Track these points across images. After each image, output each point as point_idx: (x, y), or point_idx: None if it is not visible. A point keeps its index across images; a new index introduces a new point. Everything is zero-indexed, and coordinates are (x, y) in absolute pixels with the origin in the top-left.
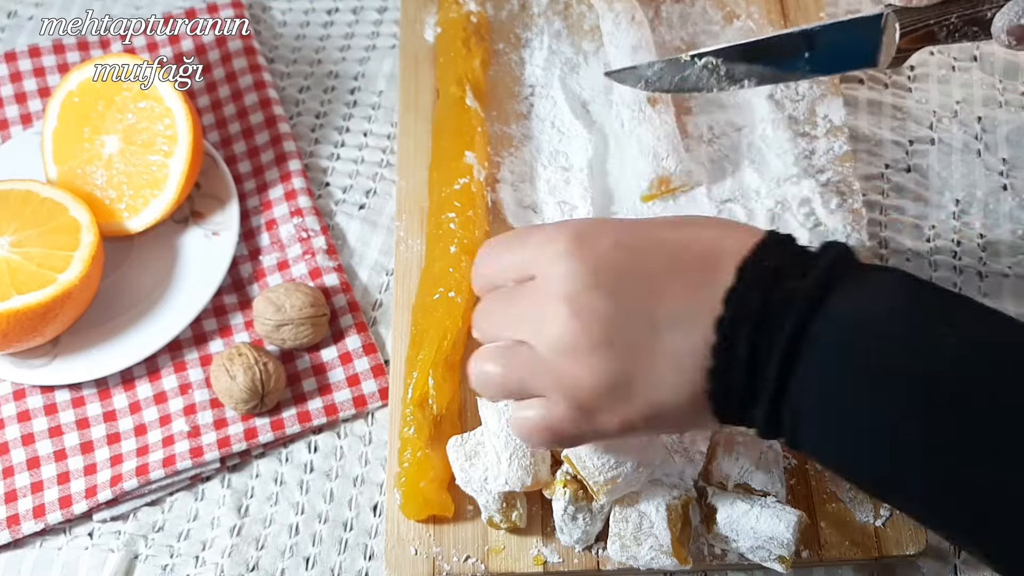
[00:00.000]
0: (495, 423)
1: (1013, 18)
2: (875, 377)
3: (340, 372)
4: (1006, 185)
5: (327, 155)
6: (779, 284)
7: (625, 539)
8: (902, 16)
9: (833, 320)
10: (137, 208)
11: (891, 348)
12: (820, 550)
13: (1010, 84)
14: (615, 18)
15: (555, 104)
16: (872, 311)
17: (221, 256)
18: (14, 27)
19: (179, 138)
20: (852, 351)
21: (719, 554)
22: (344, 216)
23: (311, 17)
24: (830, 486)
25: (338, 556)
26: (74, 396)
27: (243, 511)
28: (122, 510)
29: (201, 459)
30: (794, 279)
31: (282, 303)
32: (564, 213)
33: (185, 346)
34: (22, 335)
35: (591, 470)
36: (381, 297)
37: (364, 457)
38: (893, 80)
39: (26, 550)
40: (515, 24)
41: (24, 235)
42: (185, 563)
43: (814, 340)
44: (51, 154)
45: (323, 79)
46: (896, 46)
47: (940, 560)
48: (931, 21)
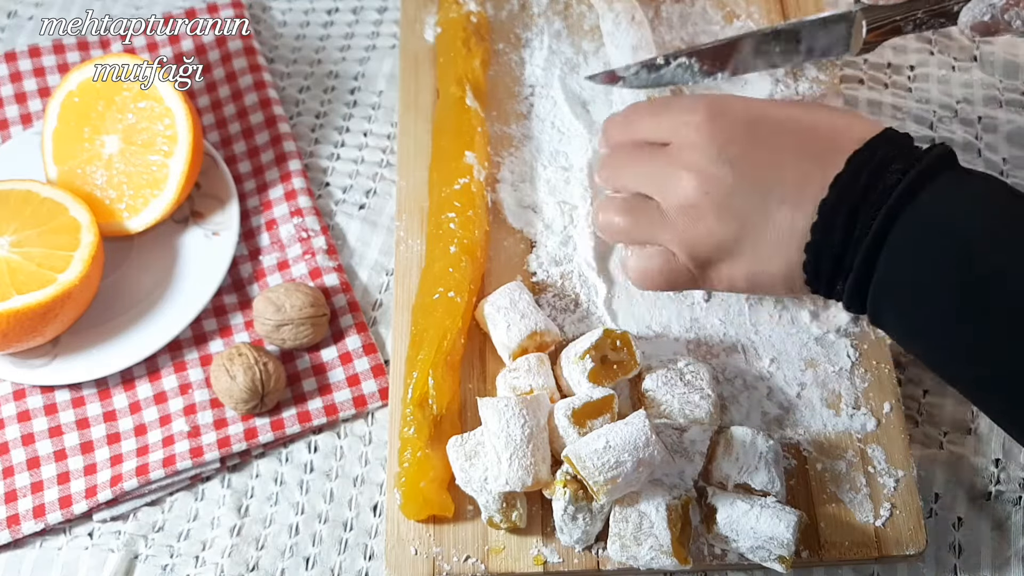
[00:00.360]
0: (495, 423)
1: (977, 15)
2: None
3: (340, 372)
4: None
5: (327, 155)
6: (881, 177)
7: (625, 539)
8: (869, 13)
9: (921, 214)
10: (137, 208)
11: (966, 245)
12: (820, 550)
13: (1010, 84)
14: (615, 18)
15: (555, 104)
16: (957, 208)
17: (221, 256)
18: (14, 27)
19: (179, 138)
20: (932, 243)
21: (719, 554)
22: (344, 216)
23: (311, 17)
24: (830, 486)
25: (338, 556)
26: (74, 396)
27: (243, 511)
28: (122, 510)
29: (201, 459)
30: (894, 174)
31: (282, 303)
32: (564, 213)
33: (185, 346)
34: (22, 335)
35: (591, 470)
36: (381, 297)
37: (364, 457)
38: (893, 80)
39: (26, 550)
40: (515, 24)
41: (24, 235)
42: (185, 563)
43: (900, 231)
44: (51, 154)
45: (323, 79)
46: (863, 39)
47: (940, 560)
48: (897, 17)
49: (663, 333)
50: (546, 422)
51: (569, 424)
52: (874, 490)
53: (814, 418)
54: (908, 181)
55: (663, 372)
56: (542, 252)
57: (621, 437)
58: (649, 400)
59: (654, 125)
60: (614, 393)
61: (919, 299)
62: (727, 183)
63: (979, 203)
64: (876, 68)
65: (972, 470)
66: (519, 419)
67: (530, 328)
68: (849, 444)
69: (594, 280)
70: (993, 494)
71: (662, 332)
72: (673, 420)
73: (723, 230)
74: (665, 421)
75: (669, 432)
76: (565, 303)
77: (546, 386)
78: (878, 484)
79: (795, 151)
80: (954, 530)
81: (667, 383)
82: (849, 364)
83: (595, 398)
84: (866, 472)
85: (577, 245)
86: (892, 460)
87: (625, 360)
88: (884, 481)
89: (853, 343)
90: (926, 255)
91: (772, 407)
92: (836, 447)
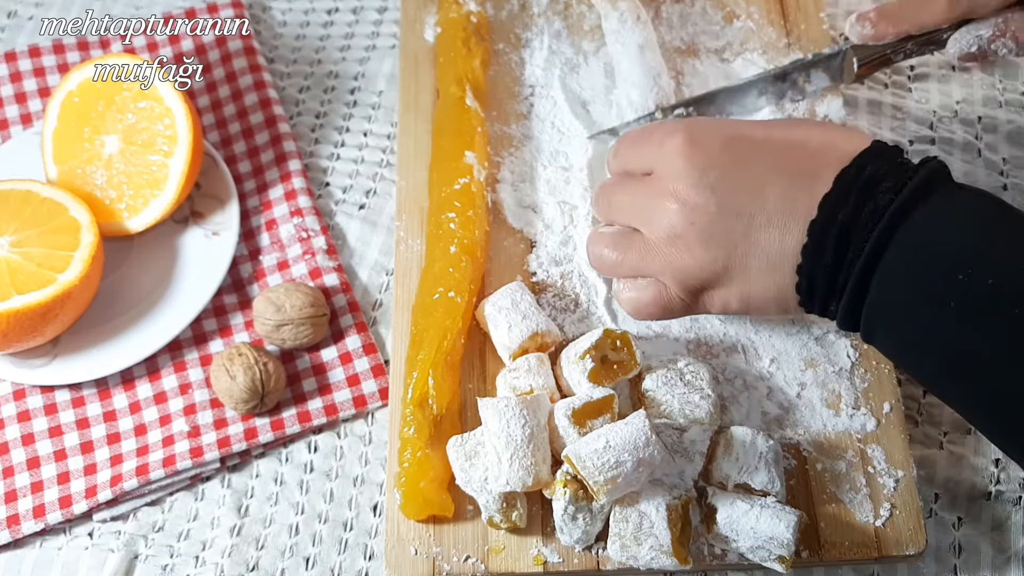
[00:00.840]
0: (495, 423)
1: (964, 47)
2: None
3: (340, 372)
4: (1006, 185)
5: (327, 155)
6: (872, 196)
7: (625, 539)
8: (859, 51)
9: (914, 234)
10: (137, 208)
11: (960, 264)
12: (820, 550)
13: (1010, 84)
14: (620, 16)
15: (555, 104)
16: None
17: (221, 256)
18: (14, 27)
19: (179, 138)
20: (926, 264)
21: (719, 554)
22: (344, 216)
23: (311, 17)
24: (830, 486)
25: (338, 556)
26: (74, 396)
27: (243, 511)
28: (122, 510)
29: (201, 459)
30: (886, 192)
31: (282, 303)
32: (564, 213)
33: (185, 346)
34: (22, 335)
35: (591, 470)
36: (381, 297)
37: (364, 457)
38: (893, 80)
39: (26, 550)
40: (515, 24)
41: (24, 235)
42: (185, 563)
43: (894, 252)
44: (51, 154)
45: (323, 79)
46: (855, 74)
47: (940, 560)
48: (887, 52)
49: (663, 333)
50: (546, 422)
51: (569, 424)
52: (874, 490)
53: (814, 418)
54: (900, 201)
55: (663, 372)
56: (542, 252)
57: (621, 437)
58: (649, 400)
59: (637, 154)
60: (614, 393)
61: (913, 318)
62: (710, 210)
63: (972, 221)
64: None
65: (972, 470)
66: (519, 419)
67: (531, 329)
68: (849, 444)
69: (594, 280)
70: (993, 494)
71: (662, 332)
72: (673, 420)
73: (711, 258)
74: (665, 421)
75: (669, 432)
76: (565, 303)
77: (546, 386)
78: (878, 484)
79: (778, 170)
80: (954, 530)
81: (667, 383)
82: (849, 364)
83: (595, 398)
84: (866, 472)
85: (577, 245)
86: (892, 460)
87: (625, 360)
88: (884, 481)
89: (853, 343)
90: (920, 275)
91: (772, 407)
92: (836, 447)
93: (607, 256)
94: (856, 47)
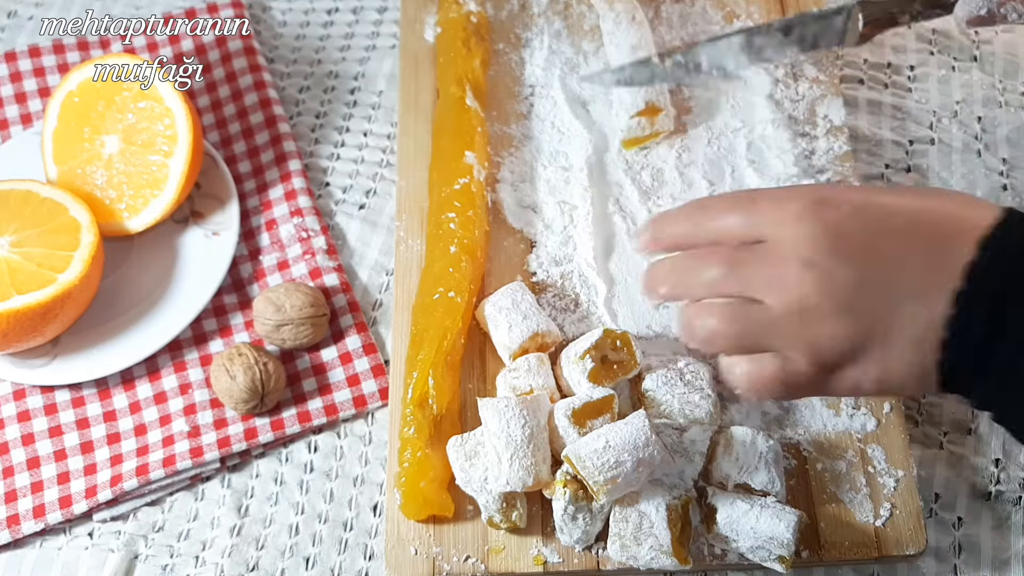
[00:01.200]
0: (495, 423)
1: (973, 9)
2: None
3: (340, 372)
4: (1006, 185)
5: (327, 155)
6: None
7: (625, 539)
8: (866, 7)
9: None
10: (137, 208)
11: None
12: (820, 550)
13: (1010, 84)
14: (616, 17)
15: (555, 104)
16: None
17: (221, 256)
18: (14, 27)
19: (179, 138)
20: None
21: (719, 554)
22: (344, 216)
23: (311, 17)
24: (830, 486)
25: (338, 556)
26: (74, 396)
27: (243, 511)
28: (122, 510)
29: (201, 459)
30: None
31: (282, 303)
32: (564, 213)
33: (185, 346)
34: (22, 335)
35: (591, 470)
36: (381, 297)
37: (364, 457)
38: (893, 80)
39: (26, 550)
40: (515, 24)
41: (24, 235)
42: (185, 563)
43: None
44: (51, 154)
45: (323, 79)
46: (859, 32)
47: (940, 560)
48: (894, 11)
49: (663, 333)
50: (546, 422)
51: (569, 424)
52: (874, 490)
53: (814, 418)
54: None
55: (663, 372)
56: (542, 252)
57: (621, 437)
58: (649, 400)
59: (740, 220)
60: (614, 393)
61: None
62: (848, 279)
63: None
64: (876, 68)
65: (972, 470)
66: (519, 419)
67: (532, 329)
68: (849, 444)
69: (594, 280)
70: (993, 494)
71: (662, 332)
72: (673, 420)
73: (848, 332)
74: (665, 421)
75: (669, 432)
76: (565, 303)
77: (546, 386)
78: (878, 484)
79: (914, 238)
80: (954, 530)
81: (667, 383)
82: None
83: (595, 398)
84: (866, 472)
85: (577, 245)
86: (892, 460)
87: (625, 360)
88: (884, 481)
89: None
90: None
91: (772, 407)
92: (836, 447)
93: (716, 327)
94: (863, 3)
